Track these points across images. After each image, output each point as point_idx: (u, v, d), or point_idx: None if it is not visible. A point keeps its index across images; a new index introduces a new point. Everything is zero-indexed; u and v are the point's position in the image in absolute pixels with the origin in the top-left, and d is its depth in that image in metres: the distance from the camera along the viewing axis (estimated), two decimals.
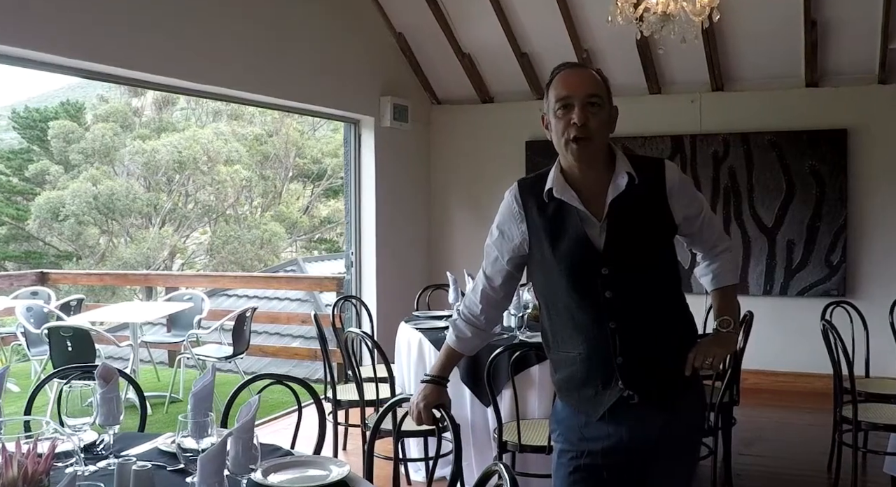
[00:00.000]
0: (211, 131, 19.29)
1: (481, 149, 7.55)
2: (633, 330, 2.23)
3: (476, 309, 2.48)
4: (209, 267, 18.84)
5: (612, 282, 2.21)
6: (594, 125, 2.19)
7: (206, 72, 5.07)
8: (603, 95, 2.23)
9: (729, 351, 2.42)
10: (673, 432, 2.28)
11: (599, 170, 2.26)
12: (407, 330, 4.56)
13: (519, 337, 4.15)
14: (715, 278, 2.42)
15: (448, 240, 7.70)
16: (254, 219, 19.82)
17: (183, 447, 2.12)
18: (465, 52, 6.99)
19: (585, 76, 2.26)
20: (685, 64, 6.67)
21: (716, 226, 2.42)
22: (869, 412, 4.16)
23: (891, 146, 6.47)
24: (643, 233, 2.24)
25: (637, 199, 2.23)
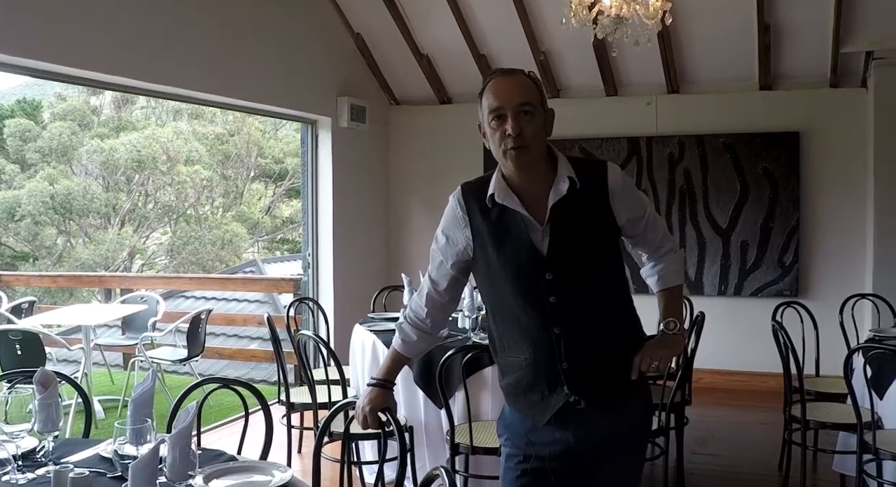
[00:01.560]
0: (171, 130, 19.06)
1: (439, 150, 7.54)
2: (578, 335, 2.23)
3: (422, 313, 2.46)
4: (169, 267, 18.61)
5: (556, 287, 2.20)
6: (529, 133, 2.18)
7: (162, 72, 5.01)
8: (535, 101, 2.21)
9: (675, 354, 2.43)
10: (618, 435, 2.29)
11: (541, 175, 2.25)
12: (361, 333, 4.53)
13: (472, 338, 4.15)
14: (661, 279, 2.42)
15: (406, 240, 7.69)
16: (215, 220, 19.61)
17: (122, 453, 2.09)
18: (423, 53, 6.98)
19: (516, 83, 2.23)
20: (641, 66, 6.72)
21: (660, 226, 2.41)
22: (818, 411, 4.22)
23: (842, 149, 6.58)
24: (586, 236, 2.23)
25: (579, 203, 2.22)
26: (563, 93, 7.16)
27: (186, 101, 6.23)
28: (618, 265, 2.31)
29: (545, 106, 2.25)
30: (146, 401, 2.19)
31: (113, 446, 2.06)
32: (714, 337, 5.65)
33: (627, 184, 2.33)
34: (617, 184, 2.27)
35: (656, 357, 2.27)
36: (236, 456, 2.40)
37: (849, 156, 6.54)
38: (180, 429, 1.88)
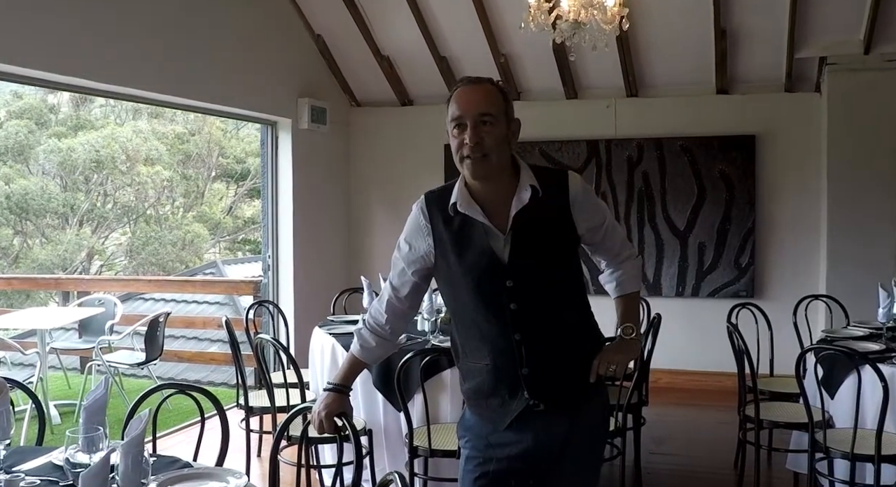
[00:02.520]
0: (130, 129, 18.80)
1: (400, 151, 7.55)
2: (538, 341, 2.27)
3: (381, 319, 2.48)
4: (129, 268, 18.37)
5: (517, 294, 2.24)
6: (490, 142, 2.20)
7: (119, 73, 4.95)
8: (497, 112, 2.22)
9: (631, 358, 2.50)
10: (577, 437, 2.34)
11: (503, 184, 2.27)
12: (320, 336, 4.52)
13: (431, 341, 4.16)
14: (619, 286, 2.47)
15: (367, 242, 7.68)
16: (175, 220, 19.38)
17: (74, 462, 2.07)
18: (384, 55, 6.98)
19: (480, 93, 2.24)
20: (601, 69, 6.78)
21: (618, 234, 2.46)
22: (772, 411, 4.30)
23: (796, 152, 6.69)
24: (547, 244, 2.27)
25: (541, 212, 2.25)
26: (524, 95, 7.20)
27: (144, 102, 6.17)
28: (577, 272, 2.36)
29: (509, 115, 2.26)
30: (99, 408, 2.17)
31: (65, 454, 2.03)
32: (672, 338, 5.74)
33: (588, 193, 2.36)
34: (578, 193, 2.30)
35: (614, 361, 2.32)
36: (191, 463, 2.38)
37: (803, 160, 6.66)
38: (132, 437, 1.87)
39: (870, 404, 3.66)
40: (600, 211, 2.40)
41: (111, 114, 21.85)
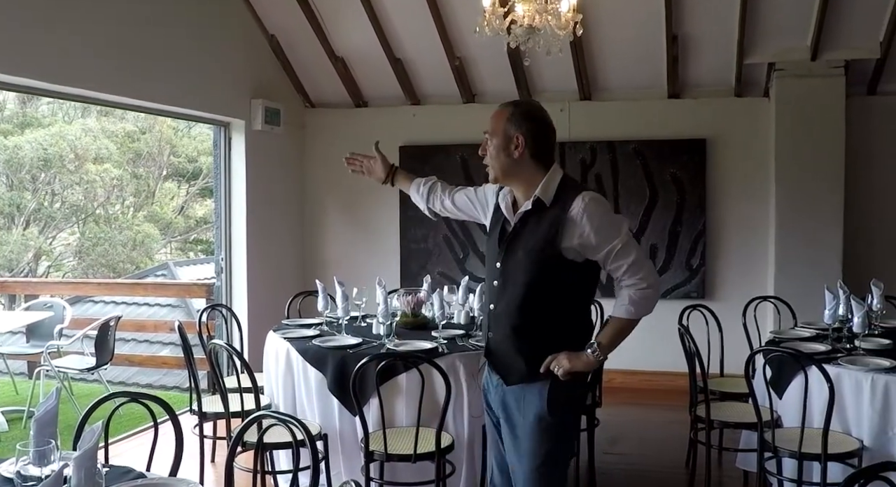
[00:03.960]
0: (79, 127, 18.45)
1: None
2: (503, 319, 2.81)
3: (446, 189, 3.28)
4: (78, 269, 18.05)
5: (500, 276, 2.82)
6: (489, 154, 2.85)
7: (66, 72, 4.86)
8: (492, 130, 2.82)
9: (578, 369, 2.75)
10: (513, 411, 2.81)
11: (527, 187, 2.80)
12: (275, 340, 4.50)
13: (386, 344, 4.16)
14: (614, 306, 2.80)
15: (322, 245, 7.64)
16: (126, 220, 19.07)
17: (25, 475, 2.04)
18: (338, 56, 6.95)
19: (491, 115, 2.87)
20: (555, 73, 6.83)
21: (625, 261, 2.69)
22: (722, 410, 4.38)
23: (745, 156, 6.82)
24: (529, 245, 2.75)
25: (539, 218, 2.74)
26: (479, 97, 7.23)
27: (93, 103, 6.05)
28: (560, 281, 2.73)
29: (508, 132, 2.77)
30: (50, 421, 2.13)
31: (16, 467, 2.00)
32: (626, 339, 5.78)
33: (592, 215, 2.67)
34: (577, 213, 2.67)
35: (561, 364, 2.72)
36: (145, 473, 2.36)
37: (752, 163, 6.78)
38: (85, 450, 1.84)
39: (816, 403, 3.74)
40: (603, 233, 2.68)
41: (59, 111, 21.41)
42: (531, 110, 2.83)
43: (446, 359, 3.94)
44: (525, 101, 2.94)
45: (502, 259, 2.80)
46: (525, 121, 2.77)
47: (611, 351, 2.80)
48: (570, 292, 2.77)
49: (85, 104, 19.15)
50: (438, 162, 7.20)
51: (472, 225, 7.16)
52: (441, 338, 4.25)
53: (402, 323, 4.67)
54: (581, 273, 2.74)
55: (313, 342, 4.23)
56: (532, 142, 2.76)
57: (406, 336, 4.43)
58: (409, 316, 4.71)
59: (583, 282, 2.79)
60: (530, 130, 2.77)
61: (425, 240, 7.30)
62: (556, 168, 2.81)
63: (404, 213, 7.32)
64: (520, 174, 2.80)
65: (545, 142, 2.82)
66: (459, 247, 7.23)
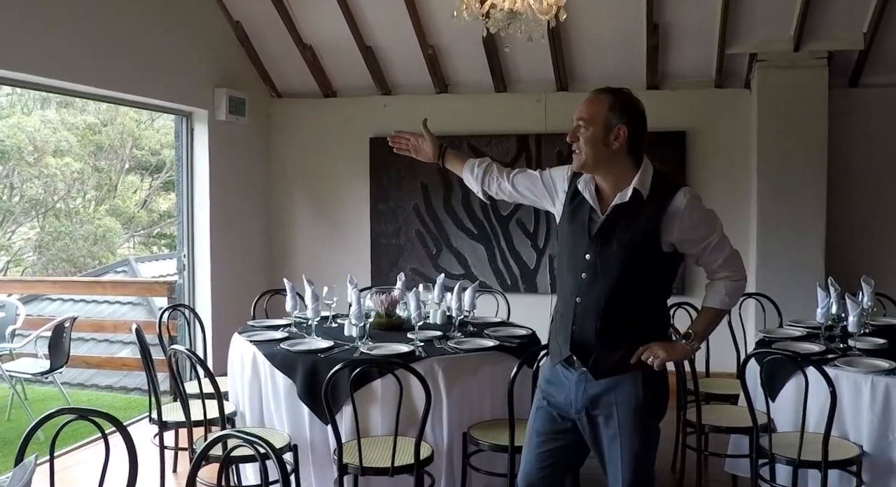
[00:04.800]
0: (38, 119, 18.02)
1: (324, 145, 7.25)
2: (591, 312, 2.71)
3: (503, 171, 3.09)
4: (38, 265, 17.66)
5: (589, 268, 2.72)
6: (581, 142, 2.69)
7: (18, 59, 4.55)
8: (588, 118, 2.69)
9: (673, 358, 2.74)
10: (604, 405, 2.72)
11: (617, 178, 2.72)
12: (240, 343, 4.23)
13: (360, 348, 3.91)
14: (706, 297, 2.84)
15: (290, 240, 7.36)
16: (87, 214, 18.66)
17: None
18: (306, 44, 6.67)
19: (585, 101, 2.75)
20: (531, 63, 6.61)
21: (721, 255, 2.76)
22: (712, 413, 4.19)
23: (726, 148, 6.65)
24: (627, 239, 2.67)
25: (636, 212, 2.67)
26: (452, 88, 6.98)
27: (47, 91, 5.69)
28: (652, 273, 2.72)
29: (608, 122, 2.67)
30: None
31: None
32: None
33: (693, 211, 2.68)
34: (678, 207, 2.65)
35: (656, 354, 2.68)
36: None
37: (733, 156, 6.62)
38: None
39: (812, 407, 3.56)
40: (703, 229, 2.72)
41: (18, 102, 20.92)
42: (634, 101, 2.74)
43: (424, 364, 3.71)
44: (624, 91, 2.77)
45: (592, 251, 2.71)
46: (627, 112, 2.70)
47: (704, 340, 2.87)
48: (657, 284, 2.78)
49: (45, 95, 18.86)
50: None
51: (446, 219, 6.93)
52: (418, 341, 4.02)
53: (376, 323, 4.42)
54: (670, 264, 2.77)
55: (281, 345, 3.97)
56: (632, 135, 2.69)
57: (380, 338, 4.19)
58: (382, 317, 4.46)
59: (669, 274, 2.81)
60: (631, 122, 2.70)
61: (396, 236, 7.06)
62: (648, 162, 2.75)
63: (374, 207, 7.07)
64: (613, 166, 2.72)
65: (642, 136, 2.75)
66: (433, 243, 6.99)
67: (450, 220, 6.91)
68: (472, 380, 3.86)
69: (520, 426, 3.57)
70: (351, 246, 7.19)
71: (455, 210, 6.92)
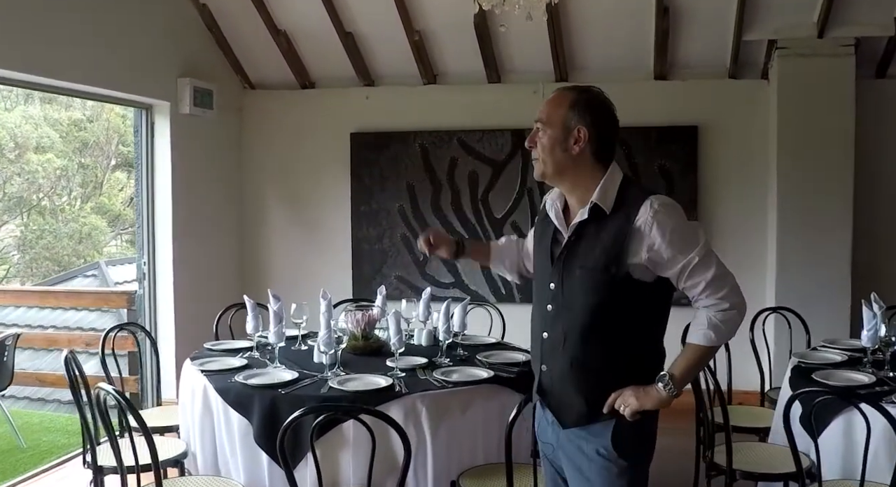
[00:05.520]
0: (19, 115, 17.59)
1: (301, 141, 6.64)
2: (557, 350, 2.38)
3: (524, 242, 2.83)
4: (21, 263, 17.34)
5: (554, 299, 2.38)
6: (540, 146, 2.35)
7: None
8: (547, 119, 2.33)
9: (643, 407, 2.32)
10: (576, 456, 2.38)
11: (584, 191, 2.36)
12: (191, 373, 3.61)
13: (329, 381, 3.30)
14: (689, 331, 2.35)
15: (263, 245, 6.74)
16: (72, 212, 18.26)
17: None
18: (280, 30, 6.05)
19: (545, 101, 2.39)
20: (527, 51, 6.03)
21: (703, 278, 2.27)
22: (738, 454, 3.58)
23: (742, 145, 6.08)
24: (589, 262, 2.31)
25: (599, 229, 2.31)
26: (440, 79, 6.38)
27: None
28: (626, 305, 2.31)
29: (568, 124, 2.31)
30: None
31: None
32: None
33: (661, 225, 2.25)
34: (645, 221, 2.26)
35: (628, 403, 2.30)
36: None
37: (750, 154, 6.04)
38: None
39: (861, 450, 2.97)
40: (676, 246, 2.25)
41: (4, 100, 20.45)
42: (600, 99, 2.36)
43: (405, 402, 3.12)
44: (589, 88, 2.40)
45: (555, 279, 2.37)
46: (590, 111, 2.32)
47: (686, 384, 2.36)
48: (638, 317, 2.35)
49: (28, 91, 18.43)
50: (395, 151, 6.36)
51: (435, 222, 6.36)
52: (398, 371, 3.42)
53: (351, 347, 3.82)
54: (651, 294, 2.32)
55: (236, 378, 3.36)
56: (596, 138, 2.32)
57: (355, 365, 3.59)
58: (358, 340, 3.86)
59: (653, 305, 2.36)
60: (595, 123, 2.32)
61: (380, 240, 6.45)
62: (615, 168, 2.37)
63: (356, 209, 6.46)
64: (575, 174, 2.37)
65: (609, 139, 2.38)
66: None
67: (439, 224, 6.31)
68: (461, 419, 3.26)
69: (519, 472, 3.01)
70: (330, 252, 6.58)
71: (444, 212, 6.32)
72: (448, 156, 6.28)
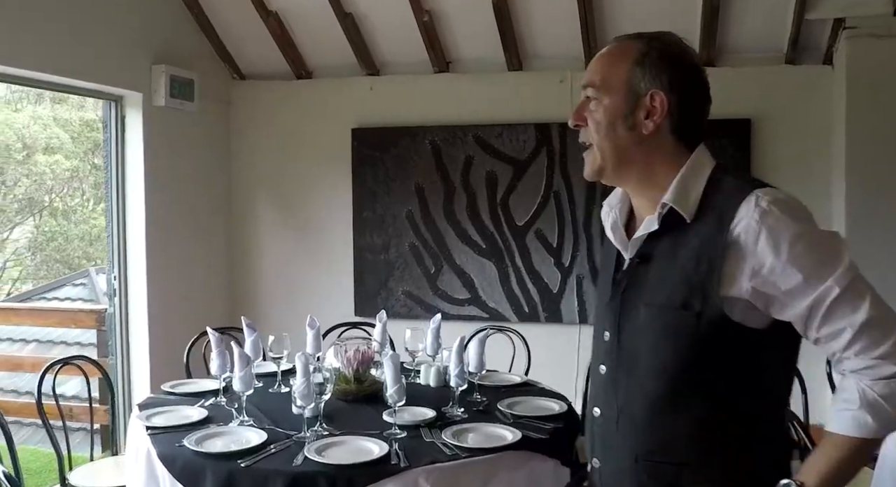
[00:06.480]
0: (27, 116, 17.30)
1: (297, 138, 5.89)
2: (613, 433, 1.60)
3: None
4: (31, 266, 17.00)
5: (609, 354, 1.62)
6: (591, 126, 1.60)
7: None
8: (601, 80, 1.59)
9: None
10: None
11: (652, 188, 1.59)
12: (137, 428, 2.86)
13: (305, 447, 2.53)
14: (831, 414, 1.47)
15: (254, 256, 5.98)
16: (84, 213, 17.97)
17: None
18: (270, 10, 5.30)
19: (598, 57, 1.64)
20: (553, 33, 5.28)
21: (847, 323, 1.41)
22: None
23: (802, 140, 5.30)
24: (658, 298, 1.52)
25: (675, 245, 1.53)
26: (454, 66, 5.62)
27: None
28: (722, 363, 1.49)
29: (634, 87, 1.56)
30: None
31: None
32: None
33: (775, 233, 1.44)
34: (745, 229, 1.46)
35: None
36: None
37: (811, 150, 5.26)
38: None
39: None
40: (801, 268, 1.43)
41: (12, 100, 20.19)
42: (676, 49, 1.61)
43: (404, 480, 2.36)
44: (661, 34, 1.64)
45: (610, 324, 1.61)
46: (668, 67, 1.57)
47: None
48: (741, 387, 1.51)
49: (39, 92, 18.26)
50: (402, 148, 5.60)
51: (447, 230, 5.61)
52: (396, 428, 2.66)
53: (341, 392, 3.06)
54: (763, 348, 1.50)
55: (185, 442, 2.59)
56: (678, 108, 1.57)
57: (343, 417, 2.84)
58: (350, 382, 3.10)
59: (768, 367, 1.54)
60: (676, 86, 1.57)
61: (386, 250, 5.69)
62: (704, 153, 1.60)
63: (358, 214, 5.71)
64: (647, 163, 1.60)
65: (698, 109, 1.61)
66: (430, 260, 5.62)
67: (452, 231, 5.54)
68: None
69: None
70: (330, 263, 5.82)
71: (458, 218, 5.56)
72: (463, 154, 5.53)
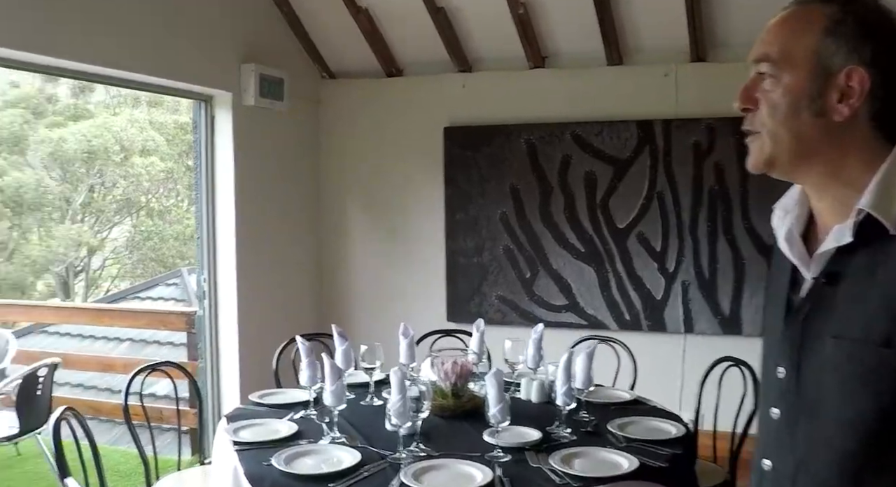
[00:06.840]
0: (125, 119, 17.89)
1: (388, 138, 5.73)
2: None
3: None
4: (128, 264, 17.68)
5: (784, 395, 1.26)
6: (765, 109, 1.24)
7: None
8: (780, 52, 1.22)
9: None
10: None
11: (846, 192, 1.21)
12: (223, 442, 2.71)
13: (401, 471, 2.32)
14: None
15: (344, 259, 5.85)
16: (179, 213, 18.47)
17: None
18: (360, 7, 5.16)
19: (773, 24, 1.25)
20: (656, 25, 4.98)
21: None
22: None
23: None
24: (857, 326, 1.15)
25: (873, 263, 1.15)
26: (551, 61, 5.37)
27: (19, 68, 4.33)
28: None
29: (824, 60, 1.19)
30: None
31: None
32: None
33: None
34: None
35: None
36: None
37: None
38: None
39: None
40: None
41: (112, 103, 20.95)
42: (877, 15, 1.20)
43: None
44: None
45: (786, 358, 1.26)
46: (870, 36, 1.18)
47: None
48: None
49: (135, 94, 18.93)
50: (496, 148, 5.38)
51: (544, 232, 5.37)
52: (499, 452, 2.44)
53: (438, 407, 2.86)
54: None
55: (273, 461, 2.42)
56: (882, 89, 1.18)
57: (441, 436, 2.64)
58: (447, 398, 2.90)
59: None
60: (880, 60, 1.18)
61: (479, 253, 5.49)
62: None
63: (451, 217, 5.52)
64: (836, 158, 1.23)
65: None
66: (526, 264, 5.39)
67: (548, 234, 5.30)
68: None
69: None
70: (421, 267, 5.65)
71: (555, 220, 5.31)
72: (560, 153, 5.28)
